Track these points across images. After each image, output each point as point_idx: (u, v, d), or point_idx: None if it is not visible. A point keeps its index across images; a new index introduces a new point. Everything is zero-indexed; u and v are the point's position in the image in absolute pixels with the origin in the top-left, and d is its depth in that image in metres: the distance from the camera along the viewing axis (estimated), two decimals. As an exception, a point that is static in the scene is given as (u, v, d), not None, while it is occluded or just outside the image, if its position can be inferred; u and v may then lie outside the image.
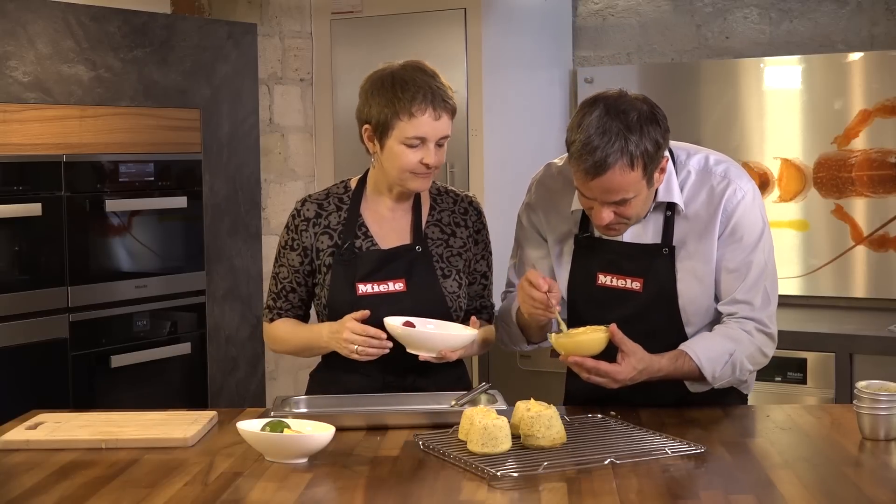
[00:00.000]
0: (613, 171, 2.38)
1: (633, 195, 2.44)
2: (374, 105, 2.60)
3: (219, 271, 4.31)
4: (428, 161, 2.58)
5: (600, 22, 4.81)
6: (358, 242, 2.69)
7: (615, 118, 2.39)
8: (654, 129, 2.41)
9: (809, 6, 4.45)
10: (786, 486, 2.04)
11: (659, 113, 2.45)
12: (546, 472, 2.10)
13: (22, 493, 2.07)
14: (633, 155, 2.38)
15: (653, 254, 2.58)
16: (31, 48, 3.68)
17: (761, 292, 2.58)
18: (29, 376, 3.71)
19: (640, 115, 2.41)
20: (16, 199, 3.63)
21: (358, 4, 4.64)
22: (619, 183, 2.40)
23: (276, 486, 2.08)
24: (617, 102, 2.42)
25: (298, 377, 4.74)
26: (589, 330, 2.45)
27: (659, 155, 2.44)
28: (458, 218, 2.77)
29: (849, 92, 4.30)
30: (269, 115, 4.77)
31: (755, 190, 2.62)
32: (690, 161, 2.61)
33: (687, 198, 2.58)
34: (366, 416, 2.49)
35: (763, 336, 2.59)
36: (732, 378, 2.57)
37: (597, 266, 2.63)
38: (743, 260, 2.57)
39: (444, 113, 2.59)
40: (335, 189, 2.77)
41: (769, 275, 2.61)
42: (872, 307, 4.26)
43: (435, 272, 2.70)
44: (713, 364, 2.52)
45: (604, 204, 2.45)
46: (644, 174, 2.42)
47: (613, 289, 2.61)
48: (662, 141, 2.44)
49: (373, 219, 2.73)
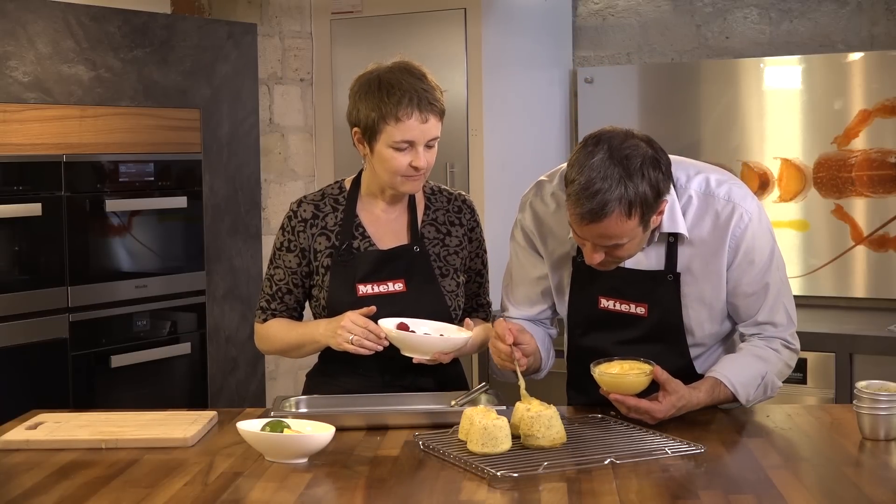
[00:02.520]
0: (610, 220, 2.31)
1: (627, 240, 2.39)
2: (362, 109, 2.60)
3: (219, 271, 4.31)
4: (417, 164, 2.58)
5: (600, 22, 4.81)
6: (356, 243, 2.69)
7: (618, 164, 2.31)
8: (655, 174, 2.34)
9: (809, 6, 4.45)
10: (786, 486, 2.04)
11: (662, 158, 2.38)
12: (546, 472, 2.10)
13: (22, 493, 2.07)
14: (633, 204, 2.31)
15: (657, 280, 2.54)
16: (31, 48, 3.67)
17: (782, 310, 2.58)
18: (29, 376, 3.71)
19: (644, 160, 2.33)
20: (16, 199, 3.63)
21: (358, 4, 4.64)
22: (614, 230, 2.34)
23: (276, 486, 2.08)
24: (622, 146, 2.34)
25: (298, 377, 4.74)
26: (633, 369, 2.43)
27: (658, 202, 2.38)
28: (453, 217, 2.77)
29: (849, 92, 4.30)
30: (269, 115, 4.77)
31: (760, 209, 2.57)
32: (691, 185, 2.53)
33: (691, 224, 2.52)
34: (366, 416, 2.49)
35: (789, 352, 2.61)
36: (764, 397, 2.57)
37: (597, 290, 2.59)
38: (760, 282, 2.54)
39: (431, 115, 2.57)
40: (330, 190, 2.76)
41: (786, 292, 2.60)
42: (872, 307, 4.26)
43: (433, 272, 2.70)
44: (747, 389, 2.52)
45: (595, 246, 2.41)
46: (640, 222, 2.36)
47: (617, 312, 2.58)
48: (663, 187, 2.37)
49: (369, 219, 2.72)
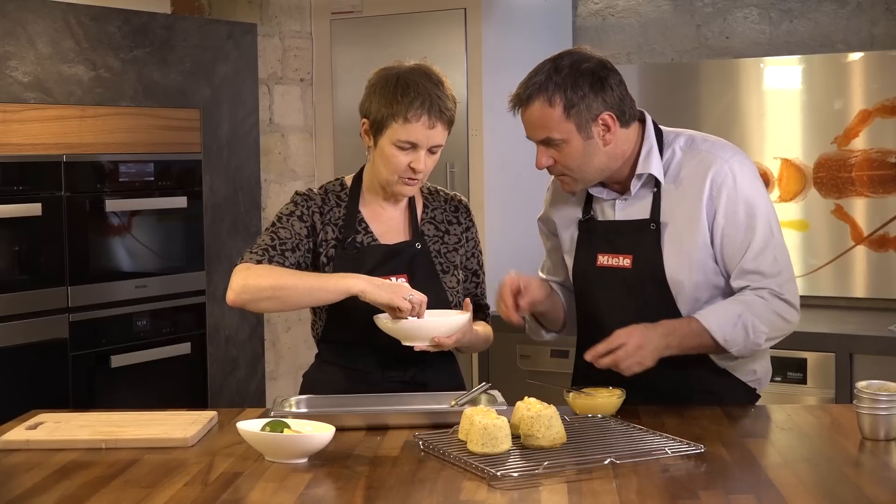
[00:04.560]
0: (532, 105, 2.50)
1: (560, 137, 2.51)
2: (375, 102, 2.62)
3: (219, 271, 4.31)
4: (416, 166, 2.60)
5: (600, 22, 4.81)
6: (359, 238, 2.70)
7: (551, 62, 2.52)
8: (585, 80, 2.49)
9: (809, 6, 4.45)
10: (786, 486, 2.04)
11: (604, 73, 2.52)
12: (546, 472, 2.10)
13: (22, 493, 2.07)
14: (551, 92, 2.48)
15: (641, 229, 2.60)
16: (31, 48, 3.68)
17: (770, 258, 2.55)
18: (29, 376, 3.71)
19: (575, 64, 2.50)
20: (16, 199, 3.63)
21: (358, 4, 4.64)
22: (538, 118, 2.51)
23: (276, 486, 2.08)
24: (565, 52, 2.55)
25: (298, 377, 4.71)
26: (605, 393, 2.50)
27: (587, 104, 2.49)
28: (451, 216, 2.80)
29: (849, 92, 4.30)
30: (269, 115, 4.77)
31: (744, 162, 2.59)
32: (678, 140, 2.62)
33: (672, 175, 2.59)
34: (366, 416, 2.49)
35: (779, 301, 2.54)
36: (748, 342, 2.52)
37: (596, 247, 2.67)
38: (744, 229, 2.54)
39: (439, 122, 2.60)
40: (332, 186, 2.77)
41: (776, 244, 2.57)
42: (872, 307, 4.26)
43: (435, 268, 2.72)
44: (722, 326, 2.50)
45: (539, 145, 2.55)
46: (566, 115, 2.49)
47: (609, 268, 2.64)
48: (592, 93, 2.49)
49: (371, 215, 2.73)
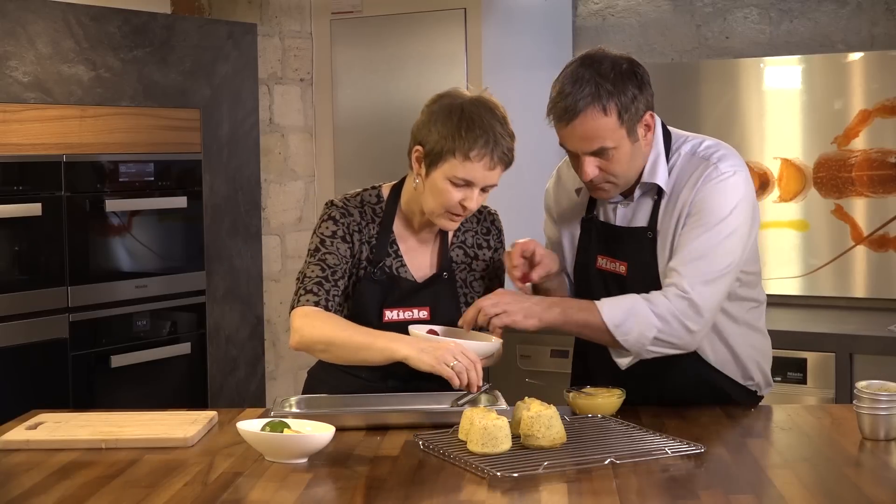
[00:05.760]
0: (585, 116, 2.42)
1: (613, 145, 2.44)
2: (435, 132, 2.52)
3: (219, 271, 4.31)
4: (468, 204, 2.54)
5: (600, 22, 4.81)
6: (389, 261, 2.66)
7: (588, 67, 2.45)
8: (630, 82, 2.44)
9: (809, 6, 4.45)
10: (786, 486, 2.04)
11: (640, 70, 2.48)
12: (546, 472, 2.10)
13: (22, 493, 2.07)
14: (605, 99, 2.41)
15: (639, 238, 2.57)
16: (31, 48, 3.67)
17: (695, 267, 2.44)
18: (29, 376, 3.70)
19: (615, 66, 2.45)
20: (16, 199, 3.63)
21: (358, 4, 4.64)
22: (593, 128, 2.43)
23: (276, 486, 2.08)
24: (593, 55, 2.48)
25: (298, 377, 4.74)
26: (605, 393, 2.50)
27: (636, 107, 2.45)
28: (481, 239, 2.77)
29: (849, 92, 4.30)
30: (269, 115, 4.77)
31: (738, 176, 2.50)
32: (684, 146, 2.58)
33: (675, 182, 2.54)
34: (366, 416, 2.49)
35: (683, 302, 2.43)
36: (641, 336, 2.43)
37: (596, 249, 2.65)
38: (692, 236, 2.47)
39: (499, 165, 2.54)
40: (368, 197, 2.71)
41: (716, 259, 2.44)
42: (872, 307, 4.26)
43: (458, 300, 2.70)
44: (612, 307, 2.45)
45: (586, 156, 2.47)
46: (620, 122, 2.43)
47: (607, 272, 2.63)
48: (639, 94, 2.45)
49: (403, 236, 2.69)
